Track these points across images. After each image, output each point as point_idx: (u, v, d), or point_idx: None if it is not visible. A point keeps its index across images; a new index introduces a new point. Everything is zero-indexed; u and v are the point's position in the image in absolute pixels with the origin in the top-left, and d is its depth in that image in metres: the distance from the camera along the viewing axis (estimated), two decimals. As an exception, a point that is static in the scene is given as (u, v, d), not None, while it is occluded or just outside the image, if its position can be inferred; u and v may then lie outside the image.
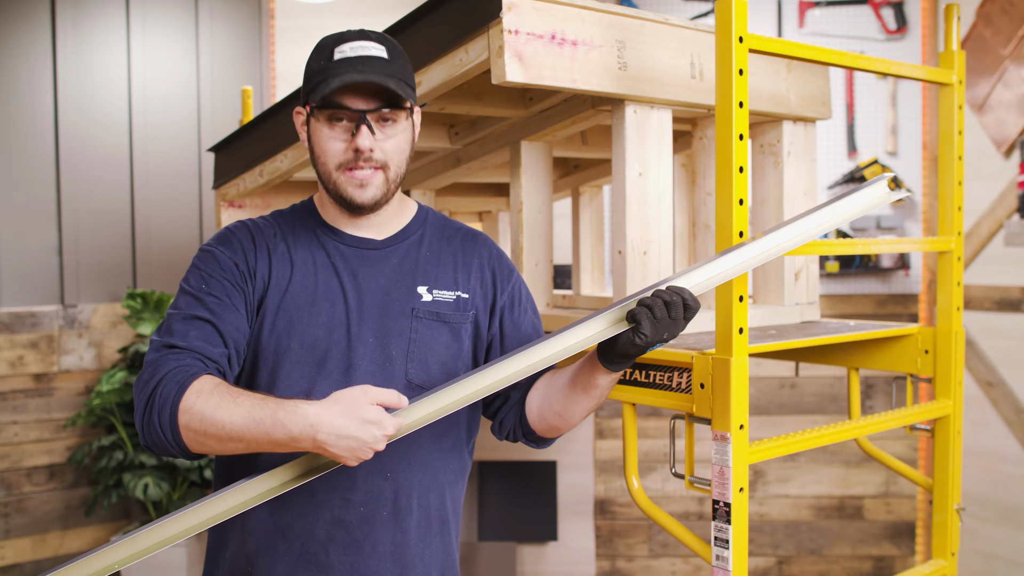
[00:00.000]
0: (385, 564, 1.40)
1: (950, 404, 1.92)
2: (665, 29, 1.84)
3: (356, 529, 1.38)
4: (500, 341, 1.49)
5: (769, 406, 3.83)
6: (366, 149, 1.33)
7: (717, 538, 1.52)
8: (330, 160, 1.36)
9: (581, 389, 1.39)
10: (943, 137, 1.93)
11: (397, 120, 1.36)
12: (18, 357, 3.62)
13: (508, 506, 3.81)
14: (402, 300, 1.41)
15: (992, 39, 3.47)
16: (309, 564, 1.38)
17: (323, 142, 1.36)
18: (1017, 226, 3.40)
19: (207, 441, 1.22)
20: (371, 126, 1.33)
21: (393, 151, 1.37)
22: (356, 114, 1.32)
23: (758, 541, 3.86)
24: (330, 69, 1.32)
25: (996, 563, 3.51)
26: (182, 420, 1.22)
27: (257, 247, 1.41)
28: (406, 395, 1.28)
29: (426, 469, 1.42)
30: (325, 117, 1.34)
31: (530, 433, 1.51)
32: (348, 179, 1.36)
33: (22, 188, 3.67)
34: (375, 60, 1.33)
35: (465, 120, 2.35)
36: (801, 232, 1.49)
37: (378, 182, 1.36)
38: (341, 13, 3.92)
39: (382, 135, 1.35)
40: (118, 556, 1.20)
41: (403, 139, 1.38)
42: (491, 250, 1.53)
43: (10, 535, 3.61)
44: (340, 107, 1.32)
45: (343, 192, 1.37)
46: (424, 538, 1.43)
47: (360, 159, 1.34)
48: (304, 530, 1.37)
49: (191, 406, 1.22)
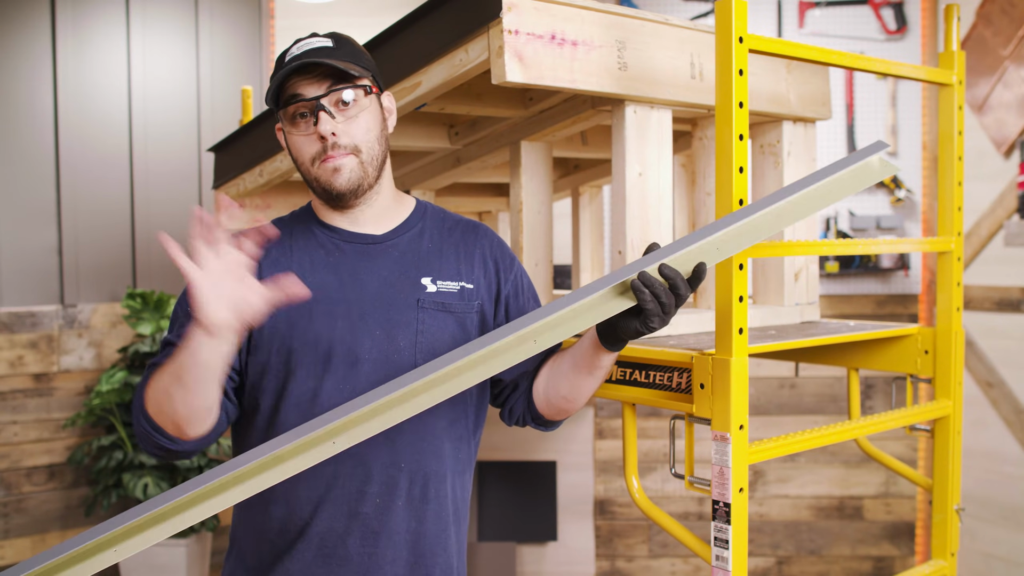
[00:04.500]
0: (402, 554, 1.41)
1: (950, 404, 1.92)
2: (665, 29, 1.84)
3: (373, 520, 1.38)
4: None
5: (769, 406, 3.83)
6: (328, 134, 1.34)
7: (717, 538, 1.52)
8: (304, 157, 1.39)
9: (585, 370, 1.40)
10: (943, 137, 1.93)
11: (357, 101, 1.37)
12: (18, 357, 3.62)
13: (508, 506, 3.81)
14: (407, 292, 1.42)
15: (992, 39, 3.47)
16: (328, 558, 1.39)
17: (294, 142, 1.39)
18: (1017, 226, 3.40)
19: (164, 409, 1.27)
20: (329, 111, 1.35)
21: (360, 133, 1.38)
22: (312, 103, 1.35)
23: (758, 541, 3.86)
24: (280, 72, 1.36)
25: (996, 563, 3.51)
26: (147, 405, 1.30)
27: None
28: None
29: (439, 458, 1.43)
30: (289, 118, 1.38)
31: (539, 417, 1.53)
32: (323, 169, 1.37)
33: (22, 188, 3.68)
34: (319, 50, 1.37)
35: (465, 120, 2.35)
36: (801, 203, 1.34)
37: (352, 165, 1.38)
38: (341, 13, 3.92)
39: (343, 118, 1.36)
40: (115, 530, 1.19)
41: (368, 119, 1.39)
42: (492, 240, 1.54)
43: (10, 535, 3.61)
44: (294, 99, 1.35)
45: (323, 183, 1.39)
46: (442, 528, 1.44)
47: (327, 147, 1.36)
48: (321, 525, 1.38)
49: (149, 389, 1.31)
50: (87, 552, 1.19)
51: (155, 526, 1.20)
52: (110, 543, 1.19)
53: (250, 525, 1.43)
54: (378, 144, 1.41)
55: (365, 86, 1.38)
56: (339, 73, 1.36)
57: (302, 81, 1.36)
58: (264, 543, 1.42)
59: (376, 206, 1.46)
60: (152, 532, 1.20)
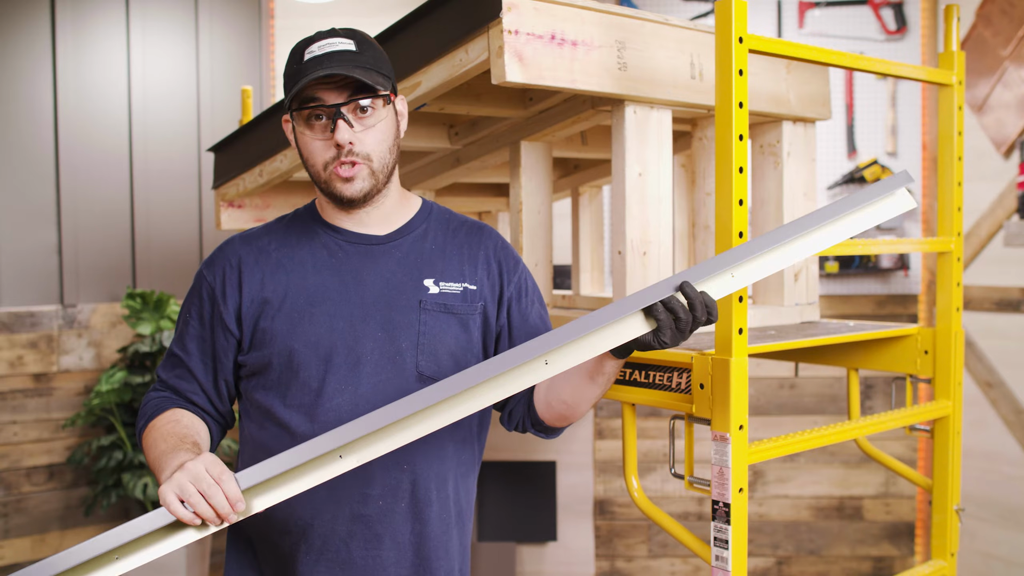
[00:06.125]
0: (407, 557, 1.40)
1: (949, 404, 1.92)
2: (665, 29, 1.84)
3: (376, 523, 1.38)
4: (508, 332, 1.49)
5: (769, 406, 3.83)
6: (345, 143, 1.35)
7: (716, 538, 1.52)
8: (316, 160, 1.38)
9: (588, 377, 1.39)
10: (943, 138, 1.93)
11: (375, 110, 1.37)
12: (17, 357, 3.62)
13: (508, 506, 3.81)
14: (409, 293, 1.42)
15: (992, 40, 3.47)
16: (331, 562, 1.38)
17: (307, 144, 1.38)
18: (1016, 227, 3.40)
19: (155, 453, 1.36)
20: (347, 119, 1.34)
21: (374, 143, 1.38)
22: (331, 109, 1.34)
23: (757, 541, 3.86)
24: (300, 71, 1.35)
25: (995, 563, 3.51)
26: (146, 440, 1.40)
27: (243, 265, 1.43)
28: (417, 387, 1.35)
29: (443, 460, 1.42)
30: (303, 119, 1.37)
31: (539, 423, 1.50)
32: (334, 176, 1.38)
33: (22, 188, 3.67)
34: (342, 54, 1.35)
35: (465, 120, 2.35)
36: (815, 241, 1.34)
37: (364, 175, 1.38)
38: (341, 13, 3.92)
39: (360, 126, 1.36)
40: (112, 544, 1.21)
41: (384, 129, 1.39)
42: (496, 241, 1.53)
43: (9, 535, 3.61)
44: (313, 105, 1.35)
45: (333, 189, 1.39)
46: (445, 530, 1.43)
47: (342, 154, 1.36)
48: (324, 528, 1.38)
49: (146, 435, 1.41)
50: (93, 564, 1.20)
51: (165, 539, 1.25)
52: (118, 552, 1.21)
53: (252, 527, 1.43)
54: (390, 153, 1.41)
55: (385, 96, 1.38)
56: (360, 84, 1.35)
57: (323, 86, 1.35)
58: (267, 545, 1.42)
59: (382, 208, 1.46)
60: (163, 544, 1.26)
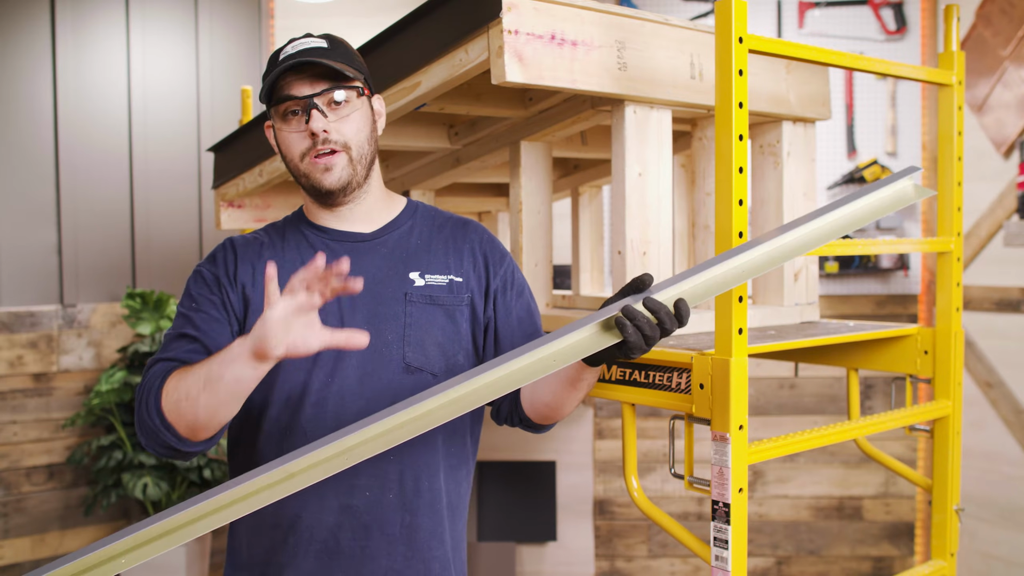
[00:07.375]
0: (397, 548, 1.41)
1: (949, 405, 1.92)
2: (665, 29, 1.84)
3: (364, 514, 1.39)
4: (494, 324, 1.50)
5: (768, 406, 3.83)
6: (319, 131, 1.37)
7: (716, 538, 1.52)
8: (293, 152, 1.41)
9: (568, 383, 1.40)
10: (942, 138, 1.93)
11: (349, 102, 1.40)
12: (17, 357, 3.62)
13: (507, 506, 3.81)
14: (394, 287, 1.43)
15: (992, 40, 3.47)
16: (320, 553, 1.39)
17: (284, 139, 1.41)
18: (1016, 227, 3.40)
19: (183, 412, 1.28)
20: (321, 109, 1.37)
21: (352, 131, 1.40)
22: (304, 101, 1.37)
23: (757, 541, 3.86)
24: (274, 71, 1.38)
25: (995, 563, 3.51)
26: (164, 404, 1.30)
27: (239, 259, 1.46)
28: (405, 378, 1.38)
29: (431, 452, 1.43)
30: (280, 115, 1.40)
31: (526, 420, 1.52)
32: (312, 166, 1.40)
33: (22, 188, 3.67)
34: (314, 50, 1.39)
35: (465, 120, 2.35)
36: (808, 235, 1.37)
37: (342, 163, 1.40)
38: (341, 13, 3.92)
39: (335, 116, 1.39)
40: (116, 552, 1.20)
41: (360, 119, 1.41)
42: (482, 235, 1.55)
43: (9, 535, 3.61)
44: (287, 98, 1.37)
45: (312, 180, 1.41)
46: (436, 521, 1.44)
47: (317, 143, 1.37)
48: (312, 519, 1.39)
49: (168, 387, 1.31)
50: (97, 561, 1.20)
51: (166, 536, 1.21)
52: (121, 553, 1.20)
53: (244, 521, 1.43)
54: (367, 144, 1.43)
55: (357, 87, 1.41)
56: (333, 73, 1.38)
57: (296, 80, 1.38)
58: (257, 538, 1.43)
59: (365, 204, 1.48)
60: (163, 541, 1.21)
